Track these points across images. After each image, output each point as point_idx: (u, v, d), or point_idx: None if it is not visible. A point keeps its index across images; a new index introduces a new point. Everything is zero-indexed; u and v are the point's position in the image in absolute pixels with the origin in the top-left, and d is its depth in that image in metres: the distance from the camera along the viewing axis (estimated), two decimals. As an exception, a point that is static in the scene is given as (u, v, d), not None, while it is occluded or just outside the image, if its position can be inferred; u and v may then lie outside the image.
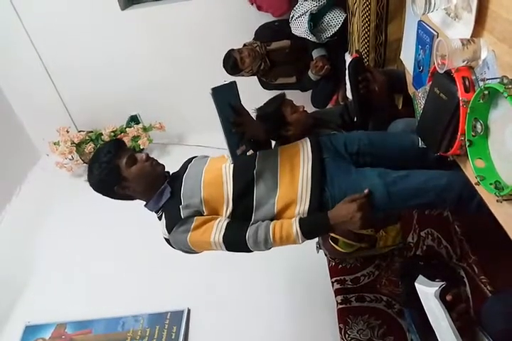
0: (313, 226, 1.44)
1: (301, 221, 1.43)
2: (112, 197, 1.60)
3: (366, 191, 1.44)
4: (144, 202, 1.60)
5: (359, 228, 1.46)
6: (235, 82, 1.49)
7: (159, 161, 1.62)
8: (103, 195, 1.59)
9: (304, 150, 1.61)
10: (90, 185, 1.57)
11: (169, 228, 1.48)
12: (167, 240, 1.54)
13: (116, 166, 1.51)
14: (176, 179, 1.60)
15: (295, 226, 1.41)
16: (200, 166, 1.63)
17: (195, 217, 1.47)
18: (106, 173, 1.51)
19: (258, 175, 1.54)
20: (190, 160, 1.73)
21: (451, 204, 1.50)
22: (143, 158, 1.54)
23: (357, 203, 1.40)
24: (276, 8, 2.82)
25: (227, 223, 1.46)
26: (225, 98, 1.45)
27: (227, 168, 1.58)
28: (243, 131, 1.48)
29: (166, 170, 1.64)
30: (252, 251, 1.48)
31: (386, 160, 1.63)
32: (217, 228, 1.44)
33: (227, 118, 1.43)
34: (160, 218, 1.57)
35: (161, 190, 1.56)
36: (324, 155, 1.61)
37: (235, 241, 1.45)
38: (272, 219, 1.49)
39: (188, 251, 1.53)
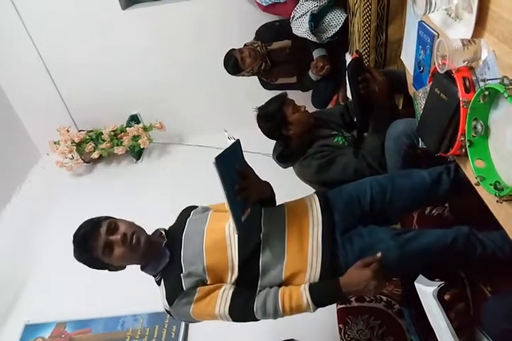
0: (324, 295, 1.35)
1: (312, 289, 1.34)
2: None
3: (379, 255, 1.34)
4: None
5: (373, 295, 1.42)
6: (238, 140, 1.42)
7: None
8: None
9: (313, 212, 1.54)
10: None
11: (170, 300, 1.39)
12: (168, 312, 1.45)
13: (96, 258, 1.41)
14: (174, 239, 1.50)
15: (305, 296, 1.33)
16: (200, 225, 1.52)
17: (198, 288, 1.38)
18: (90, 264, 1.45)
19: (265, 238, 1.45)
20: (188, 213, 1.62)
21: (455, 260, 1.52)
22: (119, 243, 1.39)
23: (371, 269, 1.31)
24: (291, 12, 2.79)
25: (233, 293, 1.37)
26: (229, 163, 1.36)
27: (231, 230, 1.46)
28: (248, 196, 1.39)
29: (159, 232, 1.54)
30: (259, 320, 1.39)
31: (397, 203, 1.63)
32: (222, 299, 1.36)
33: (232, 187, 1.34)
34: (159, 283, 1.47)
35: (158, 254, 1.47)
36: (335, 217, 1.54)
37: (243, 313, 1.36)
38: (279, 285, 1.41)
39: (191, 321, 1.47)
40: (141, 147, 3.56)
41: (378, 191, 1.62)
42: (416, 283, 1.25)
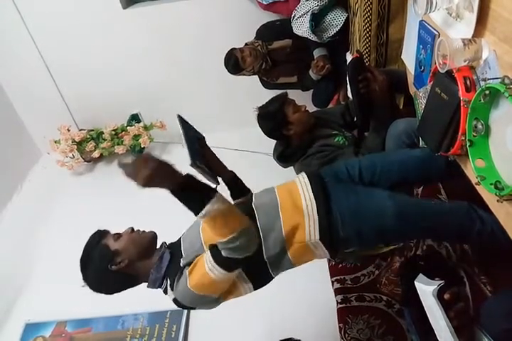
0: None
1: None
2: (114, 288, 1.54)
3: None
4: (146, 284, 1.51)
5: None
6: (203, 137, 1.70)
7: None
8: (105, 290, 1.54)
9: (301, 181, 1.60)
10: (90, 285, 1.53)
11: (172, 284, 1.39)
12: (176, 301, 1.43)
13: (105, 245, 1.48)
14: (174, 244, 1.55)
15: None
16: (197, 227, 1.54)
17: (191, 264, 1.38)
18: (99, 257, 1.48)
19: (257, 206, 1.52)
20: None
21: (453, 232, 1.53)
22: (128, 231, 1.52)
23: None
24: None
25: (210, 247, 1.31)
26: (191, 131, 1.64)
27: None
28: (206, 157, 1.54)
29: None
30: (246, 259, 1.28)
31: (388, 177, 1.65)
32: (207, 256, 1.31)
33: (193, 143, 1.55)
34: (166, 291, 1.45)
35: (160, 255, 1.48)
36: (325, 179, 1.60)
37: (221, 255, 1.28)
38: (283, 246, 1.45)
39: (200, 303, 1.42)
40: (142, 146, 3.56)
41: (367, 164, 1.66)
42: (416, 282, 1.25)
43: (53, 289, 2.64)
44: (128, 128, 3.58)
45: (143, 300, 2.47)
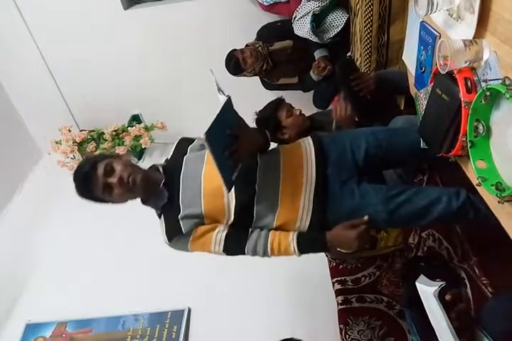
0: (310, 246, 1.47)
1: (299, 240, 1.45)
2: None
3: (366, 218, 1.45)
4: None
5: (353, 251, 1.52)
6: (229, 98, 1.47)
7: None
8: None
9: (308, 165, 1.55)
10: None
11: (169, 238, 1.49)
12: (168, 244, 1.53)
13: (97, 197, 1.52)
14: (172, 179, 1.53)
15: (292, 246, 1.44)
16: (198, 166, 1.54)
17: (195, 229, 1.47)
18: (93, 201, 1.55)
19: (260, 189, 1.51)
20: (185, 149, 1.63)
21: (451, 219, 1.57)
22: (116, 185, 1.45)
23: (357, 231, 1.42)
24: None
25: (226, 235, 1.47)
26: (219, 130, 1.36)
27: None
28: (239, 157, 1.42)
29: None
30: None
31: (392, 158, 1.65)
32: (216, 240, 1.47)
33: (223, 152, 1.35)
34: (159, 216, 1.55)
35: (157, 194, 1.53)
36: (328, 171, 1.55)
37: (235, 252, 1.50)
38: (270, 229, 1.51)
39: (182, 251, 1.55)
40: (143, 147, 3.56)
41: (373, 146, 1.61)
42: (417, 283, 1.25)
43: (54, 289, 2.65)
44: (129, 128, 3.59)
45: (143, 300, 2.48)
